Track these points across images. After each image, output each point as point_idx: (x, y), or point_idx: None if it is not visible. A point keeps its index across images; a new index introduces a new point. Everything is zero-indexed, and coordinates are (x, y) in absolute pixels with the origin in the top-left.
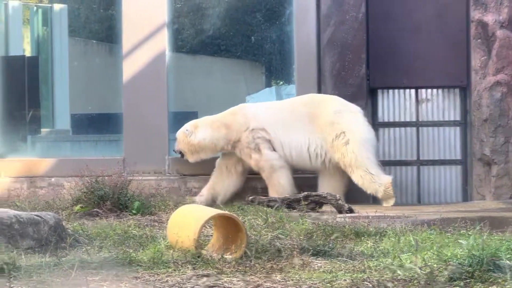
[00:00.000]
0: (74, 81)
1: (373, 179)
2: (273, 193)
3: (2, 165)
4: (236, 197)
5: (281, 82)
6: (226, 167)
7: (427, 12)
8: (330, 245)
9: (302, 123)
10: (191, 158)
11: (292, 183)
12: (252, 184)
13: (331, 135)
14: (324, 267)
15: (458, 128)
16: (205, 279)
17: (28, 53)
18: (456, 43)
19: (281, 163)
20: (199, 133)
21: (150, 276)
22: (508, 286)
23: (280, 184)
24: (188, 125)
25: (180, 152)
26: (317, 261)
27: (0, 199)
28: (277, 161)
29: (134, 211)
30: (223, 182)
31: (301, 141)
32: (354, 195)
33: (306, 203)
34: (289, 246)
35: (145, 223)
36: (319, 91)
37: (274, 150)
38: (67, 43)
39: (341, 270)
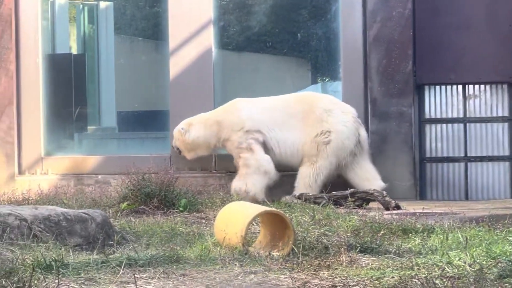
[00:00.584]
0: (120, 79)
1: (314, 187)
2: (243, 186)
3: (49, 162)
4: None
5: (327, 79)
6: None
7: (475, 8)
8: (378, 242)
9: (295, 121)
10: (188, 156)
11: (264, 191)
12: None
13: (316, 131)
14: (371, 264)
15: (506, 124)
16: (252, 276)
17: (74, 51)
18: (505, 39)
19: (270, 168)
20: (193, 131)
21: (197, 273)
22: None
23: (254, 185)
24: (183, 123)
25: (178, 149)
26: (365, 258)
27: (47, 197)
28: (267, 165)
29: (181, 209)
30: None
31: (295, 139)
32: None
33: (353, 199)
34: (336, 243)
35: (192, 221)
36: (365, 88)
37: (270, 149)
38: (113, 41)
39: (389, 267)
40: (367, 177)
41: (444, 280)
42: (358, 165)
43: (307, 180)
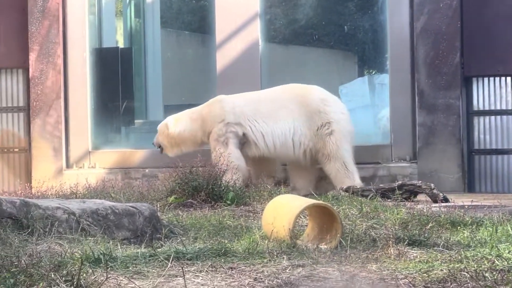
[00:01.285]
0: (167, 72)
1: (348, 175)
2: None
3: (97, 156)
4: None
5: (374, 72)
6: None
7: None
8: (426, 234)
9: (287, 111)
10: (171, 152)
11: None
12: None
13: (316, 123)
14: (420, 257)
15: None
16: (300, 269)
17: (121, 44)
18: None
19: (240, 164)
20: (179, 125)
21: (245, 266)
22: None
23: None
24: (169, 118)
25: (160, 146)
26: (413, 251)
27: (95, 190)
28: (236, 161)
29: (228, 202)
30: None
31: (286, 129)
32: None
33: (401, 192)
34: (384, 235)
35: (240, 214)
36: (413, 80)
37: (251, 142)
38: (159, 34)
39: (438, 260)
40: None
41: (494, 273)
42: None
43: (340, 174)
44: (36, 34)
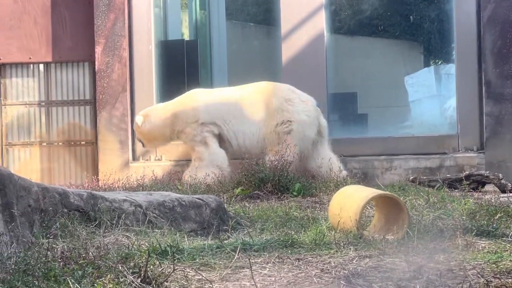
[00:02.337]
0: (233, 64)
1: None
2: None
3: (163, 149)
4: None
5: (440, 62)
6: None
7: None
8: (494, 225)
9: (256, 111)
10: (147, 146)
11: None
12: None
13: (276, 120)
14: (488, 248)
15: None
16: (367, 260)
17: (186, 37)
18: None
19: (223, 163)
20: (148, 122)
21: (312, 257)
22: None
23: (205, 178)
24: (140, 114)
25: (140, 141)
26: (481, 242)
27: (161, 182)
28: (221, 160)
29: (295, 193)
30: None
31: (254, 129)
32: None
33: (468, 182)
34: (452, 226)
35: (306, 205)
36: (479, 69)
37: (226, 141)
38: (224, 26)
39: (506, 250)
40: (330, 167)
41: None
42: (319, 155)
43: None
44: (102, 27)
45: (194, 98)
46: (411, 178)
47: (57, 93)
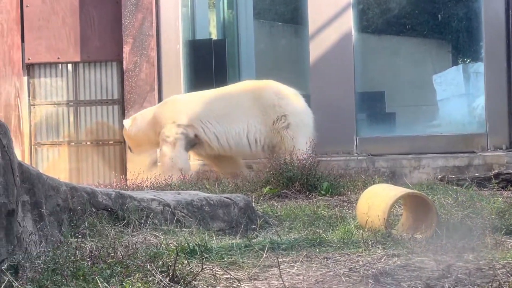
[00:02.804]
0: (260, 63)
1: None
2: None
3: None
4: None
5: (468, 60)
6: None
7: None
8: None
9: (241, 110)
10: (136, 151)
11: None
12: None
13: (271, 117)
14: None
15: None
16: (396, 259)
17: (214, 36)
18: None
19: (185, 165)
20: (134, 126)
21: (340, 256)
22: None
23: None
24: (128, 119)
25: (129, 146)
26: (510, 241)
27: (190, 182)
28: (182, 163)
29: (323, 192)
30: None
31: (240, 128)
32: None
33: (497, 181)
34: (481, 225)
35: (334, 204)
36: (508, 67)
37: (204, 143)
38: (252, 26)
39: None
40: None
41: None
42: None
43: None
44: (130, 27)
45: (176, 100)
46: (440, 177)
47: (85, 92)
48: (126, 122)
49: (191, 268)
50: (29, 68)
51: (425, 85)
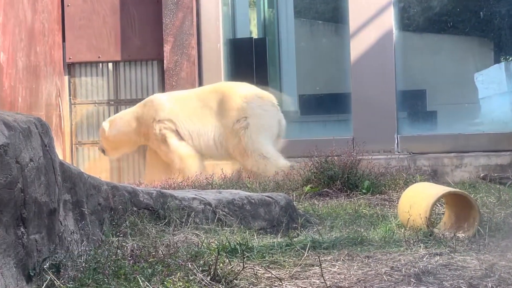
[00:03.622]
0: (301, 62)
1: (268, 163)
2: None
3: None
4: None
5: (511, 58)
6: None
7: None
8: None
9: (210, 111)
10: (111, 154)
11: (205, 170)
12: None
13: (233, 120)
14: None
15: None
16: (438, 258)
17: (255, 35)
18: None
19: (189, 151)
20: (114, 128)
21: (382, 255)
22: None
23: (193, 173)
24: (106, 121)
25: (103, 150)
26: None
27: (231, 181)
28: (184, 149)
29: (364, 190)
30: None
31: (208, 129)
32: None
33: None
34: None
35: (375, 202)
36: None
37: (184, 140)
38: (293, 24)
39: None
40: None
41: None
42: None
43: (259, 165)
44: (171, 25)
45: (153, 99)
46: (482, 175)
47: (125, 92)
48: (105, 125)
49: (232, 267)
50: (70, 68)
51: (466, 83)
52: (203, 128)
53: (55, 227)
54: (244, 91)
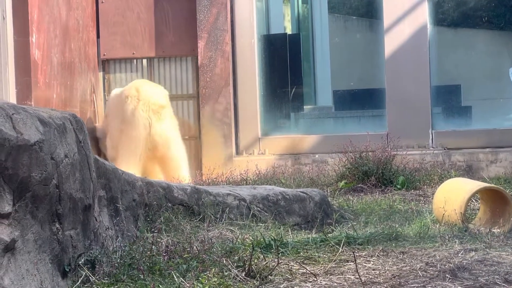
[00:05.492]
0: (335, 58)
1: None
2: None
3: (266, 142)
4: None
5: None
6: None
7: None
8: None
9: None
10: None
11: None
12: None
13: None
14: None
15: None
16: (473, 253)
17: (289, 31)
18: None
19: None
20: None
21: (416, 250)
22: None
23: None
24: None
25: None
26: None
27: (265, 176)
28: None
29: (398, 186)
30: None
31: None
32: None
33: None
34: None
35: (410, 198)
36: None
37: None
38: (327, 20)
39: None
40: None
41: None
42: None
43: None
44: (205, 21)
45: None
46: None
47: None
48: None
49: (267, 262)
50: (105, 64)
51: (501, 78)
52: None
53: (90, 223)
54: (138, 91)
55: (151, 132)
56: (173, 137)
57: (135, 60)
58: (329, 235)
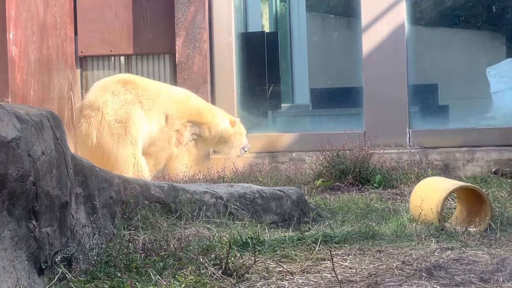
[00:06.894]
0: (313, 56)
1: None
2: None
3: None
4: None
5: None
6: None
7: None
8: None
9: None
10: None
11: None
12: None
13: None
14: None
15: None
16: (449, 252)
17: (266, 29)
18: None
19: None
20: None
21: (393, 249)
22: None
23: None
24: None
25: None
26: None
27: (242, 175)
28: None
29: (375, 185)
30: None
31: None
32: None
33: None
34: None
35: (387, 197)
36: None
37: None
38: (305, 18)
39: None
40: None
41: None
42: None
43: None
44: (183, 19)
45: None
46: (493, 170)
47: None
48: None
49: (243, 260)
50: (82, 61)
51: (478, 78)
52: None
53: (67, 221)
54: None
55: None
56: None
57: (113, 57)
58: (306, 233)
